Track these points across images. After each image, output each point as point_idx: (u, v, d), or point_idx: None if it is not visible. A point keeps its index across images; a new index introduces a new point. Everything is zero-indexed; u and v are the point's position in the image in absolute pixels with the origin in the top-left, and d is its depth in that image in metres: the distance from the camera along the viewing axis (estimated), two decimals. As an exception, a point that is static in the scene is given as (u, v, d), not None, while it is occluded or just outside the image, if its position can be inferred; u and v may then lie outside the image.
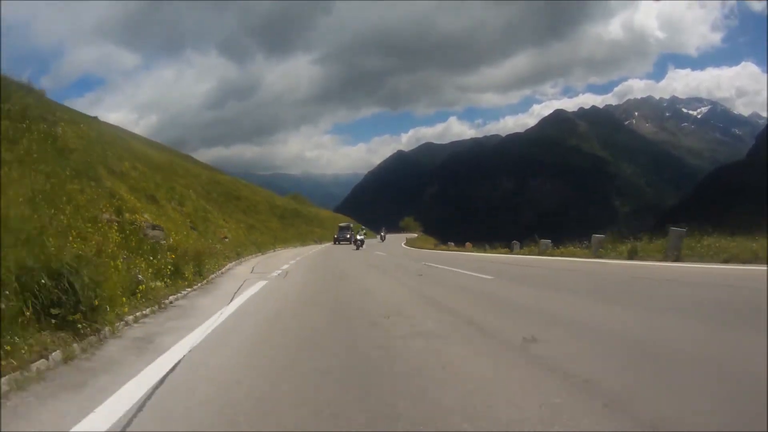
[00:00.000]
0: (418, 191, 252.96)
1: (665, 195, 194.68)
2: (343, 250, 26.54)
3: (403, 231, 67.08)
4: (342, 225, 44.06)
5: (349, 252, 22.82)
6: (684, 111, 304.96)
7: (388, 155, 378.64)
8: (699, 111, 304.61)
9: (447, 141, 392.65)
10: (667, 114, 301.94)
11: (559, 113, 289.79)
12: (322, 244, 39.96)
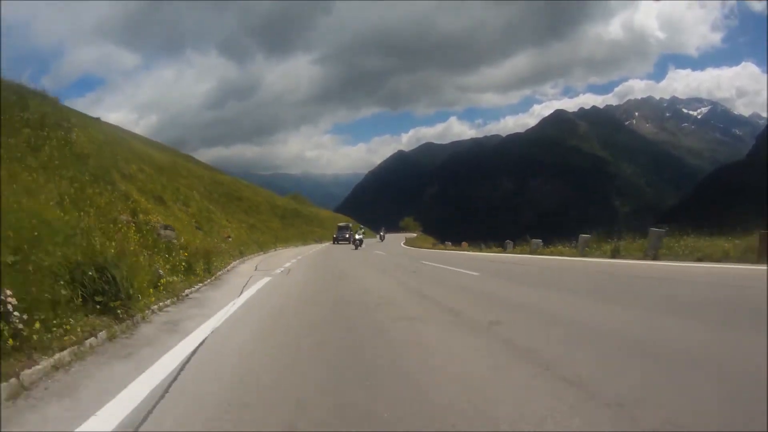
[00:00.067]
0: (418, 191, 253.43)
1: (665, 195, 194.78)
2: (343, 249, 27.08)
3: (403, 231, 67.71)
4: (341, 225, 43.78)
5: (349, 251, 23.41)
6: (684, 111, 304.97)
7: (388, 155, 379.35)
8: (699, 111, 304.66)
9: (447, 141, 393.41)
10: (668, 114, 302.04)
11: (560, 113, 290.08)
12: (322, 243, 40.33)
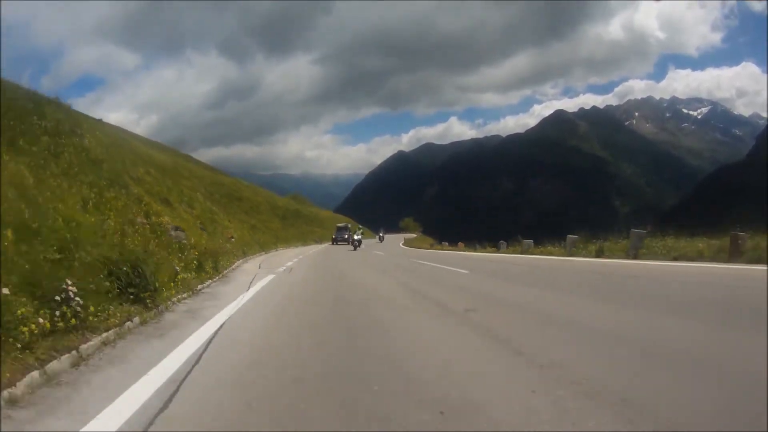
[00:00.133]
0: (418, 191, 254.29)
1: (665, 195, 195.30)
2: (342, 250, 27.68)
3: (403, 231, 68.47)
4: (340, 225, 43.59)
5: (348, 252, 24.04)
6: (684, 111, 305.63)
7: (388, 155, 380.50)
8: (699, 111, 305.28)
9: (447, 141, 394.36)
10: (668, 114, 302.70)
11: (560, 113, 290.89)
12: (322, 243, 40.78)
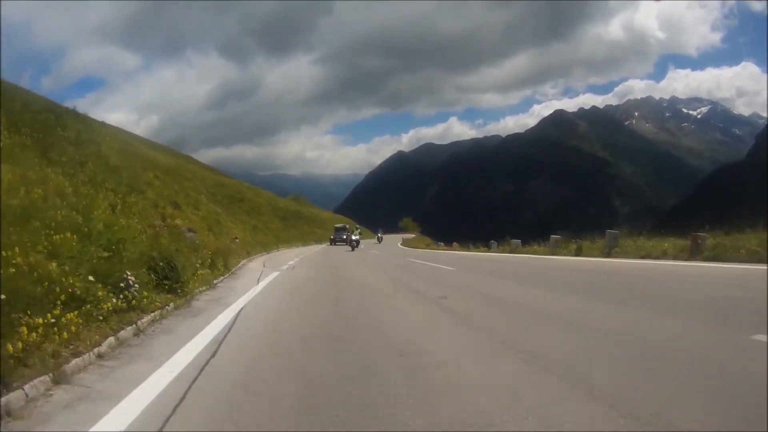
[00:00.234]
0: (418, 191, 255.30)
1: (665, 195, 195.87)
2: (341, 249, 28.56)
3: (402, 231, 69.53)
4: (338, 226, 43.19)
5: (346, 252, 24.97)
6: (684, 111, 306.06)
7: (388, 155, 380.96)
8: (699, 111, 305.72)
9: (447, 141, 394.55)
10: (668, 114, 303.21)
11: (560, 113, 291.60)
12: (322, 244, 41.42)
